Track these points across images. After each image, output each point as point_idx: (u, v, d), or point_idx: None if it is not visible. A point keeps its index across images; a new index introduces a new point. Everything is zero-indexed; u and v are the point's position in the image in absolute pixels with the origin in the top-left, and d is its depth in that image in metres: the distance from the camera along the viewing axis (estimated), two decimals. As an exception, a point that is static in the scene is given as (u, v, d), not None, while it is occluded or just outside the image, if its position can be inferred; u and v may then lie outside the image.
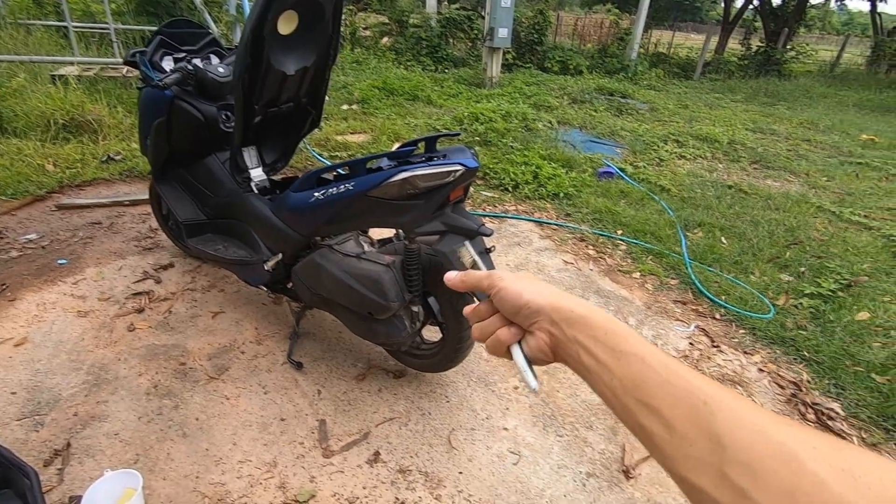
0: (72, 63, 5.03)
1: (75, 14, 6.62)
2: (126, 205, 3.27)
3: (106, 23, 5.76)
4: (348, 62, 8.29)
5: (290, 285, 2.08)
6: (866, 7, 15.47)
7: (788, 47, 13.13)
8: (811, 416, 2.02)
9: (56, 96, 4.10)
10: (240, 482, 1.58)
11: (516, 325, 0.50)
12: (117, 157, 3.82)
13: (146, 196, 3.13)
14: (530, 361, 0.49)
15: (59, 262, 2.61)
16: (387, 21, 10.98)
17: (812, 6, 16.68)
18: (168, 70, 2.10)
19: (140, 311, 2.30)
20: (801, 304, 2.73)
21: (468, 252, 0.59)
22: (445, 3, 13.34)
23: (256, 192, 2.08)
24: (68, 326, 2.17)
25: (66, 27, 5.50)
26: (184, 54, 2.24)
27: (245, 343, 2.16)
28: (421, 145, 1.64)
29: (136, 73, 4.89)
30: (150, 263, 2.66)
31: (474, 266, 0.57)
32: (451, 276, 0.57)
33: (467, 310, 0.56)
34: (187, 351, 2.09)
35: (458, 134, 1.99)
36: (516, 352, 0.50)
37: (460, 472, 1.67)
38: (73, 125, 4.00)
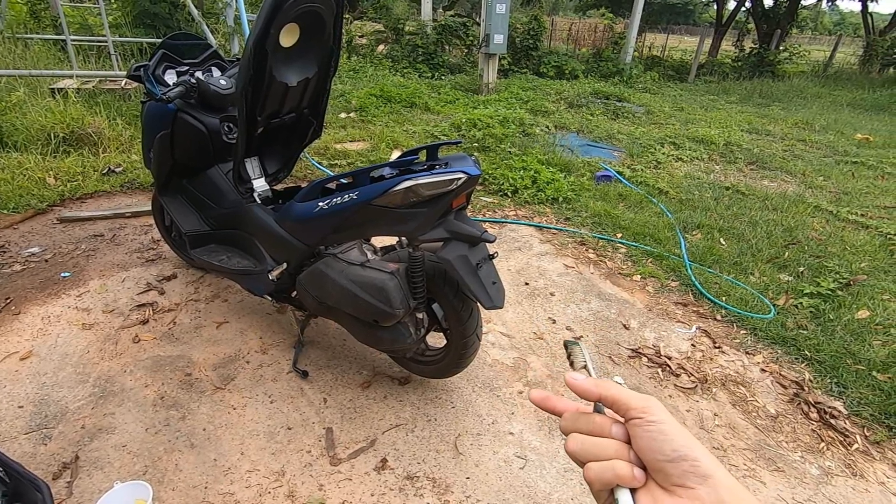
0: (70, 76, 5.06)
1: (73, 27, 6.66)
2: (128, 217, 3.29)
3: (104, 36, 5.80)
4: (345, 70, 8.34)
5: (294, 294, 2.09)
6: (857, 7, 15.63)
7: (781, 48, 13.23)
8: (814, 416, 2.04)
9: (56, 110, 4.12)
10: (248, 491, 1.58)
11: (641, 469, 0.39)
12: (118, 170, 3.84)
13: (148, 207, 3.15)
14: None
15: (63, 275, 2.62)
16: (382, 29, 11.06)
17: (804, 7, 16.83)
18: (171, 83, 2.12)
19: (144, 322, 2.31)
20: (801, 303, 2.75)
21: (581, 353, 0.50)
22: (441, 10, 13.43)
23: (259, 202, 2.10)
24: (73, 339, 2.18)
25: (64, 40, 5.53)
26: (186, 67, 2.27)
27: (250, 353, 2.17)
28: (422, 154, 1.67)
29: (136, 85, 4.95)
30: (153, 275, 2.67)
31: (587, 371, 0.48)
32: (581, 382, 0.45)
33: (568, 415, 0.45)
34: (192, 362, 2.10)
35: (460, 142, 2.02)
36: (626, 495, 0.39)
37: (468, 478, 1.68)
38: (73, 138, 4.01)
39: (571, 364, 0.50)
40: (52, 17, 6.69)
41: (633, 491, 0.39)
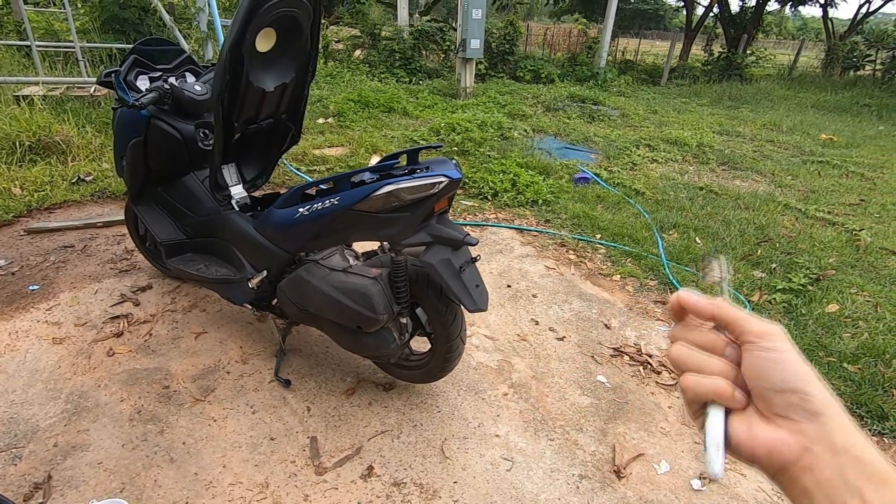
0: (36, 83, 4.90)
1: (38, 33, 6.44)
2: (99, 226, 3.19)
3: (71, 41, 5.64)
4: (322, 76, 8.29)
5: (275, 302, 2.06)
6: (818, 13, 16.24)
7: (748, 52, 13.66)
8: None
9: (21, 117, 3.98)
10: (231, 505, 1.55)
11: (743, 391, 0.37)
12: (88, 178, 3.72)
13: (120, 217, 3.06)
14: (728, 441, 0.37)
15: (31, 288, 2.53)
16: (359, 34, 11.03)
17: (769, 13, 17.42)
18: (143, 90, 2.08)
19: (119, 335, 2.25)
20: (774, 299, 2.83)
21: (720, 267, 0.45)
22: (417, 15, 13.47)
23: (237, 209, 2.06)
24: (43, 354, 2.10)
25: (29, 46, 5.36)
26: (159, 73, 2.22)
27: (230, 363, 2.13)
28: (403, 158, 1.67)
29: (105, 92, 4.82)
30: (127, 286, 2.60)
31: (719, 287, 0.44)
32: (694, 300, 0.41)
33: (682, 324, 0.42)
34: (170, 374, 2.05)
35: (440, 146, 2.03)
36: (718, 420, 0.37)
37: (455, 482, 1.67)
38: (39, 147, 3.88)
39: (703, 277, 0.46)
40: (15, 23, 6.47)
41: (727, 412, 0.37)
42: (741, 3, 15.78)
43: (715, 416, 0.37)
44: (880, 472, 0.32)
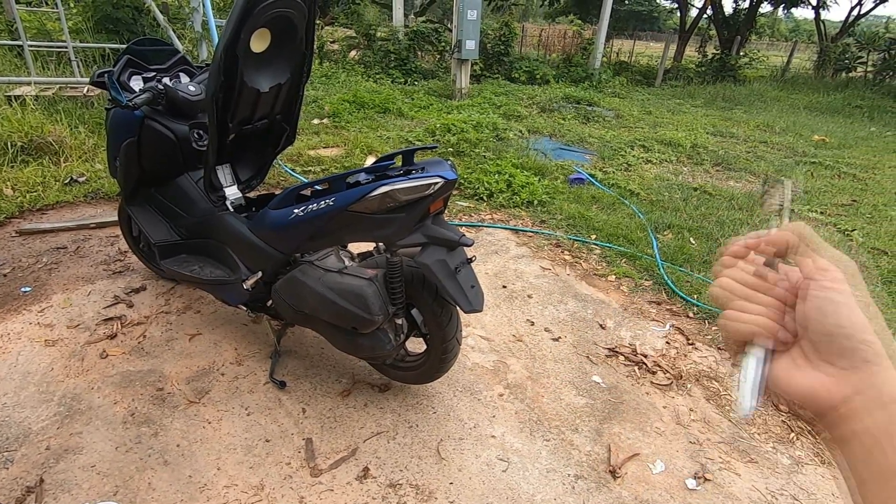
0: (28, 83, 4.86)
1: (30, 32, 6.39)
2: (92, 228, 3.17)
3: (63, 41, 5.60)
4: (317, 76, 8.27)
5: (270, 303, 2.05)
6: (811, 15, 16.38)
7: (742, 54, 13.75)
8: (784, 407, 2.11)
9: (13, 118, 3.95)
10: (226, 508, 1.54)
11: (790, 332, 0.35)
12: (81, 179, 3.70)
13: (114, 218, 3.05)
14: (764, 384, 0.36)
15: (23, 289, 2.50)
16: (354, 35, 11.01)
17: (761, 14, 17.55)
18: (137, 90, 2.06)
19: (112, 337, 2.23)
20: (767, 299, 2.84)
21: (783, 193, 0.42)
22: (412, 16, 13.48)
23: (232, 210, 2.06)
24: (36, 357, 2.08)
25: (21, 46, 5.31)
26: (152, 73, 2.21)
27: (225, 364, 2.12)
28: (398, 159, 1.66)
29: (98, 92, 4.79)
30: (120, 287, 2.58)
31: (778, 215, 0.41)
32: (753, 239, 0.39)
33: (729, 259, 0.40)
34: (164, 376, 2.04)
35: (435, 147, 2.02)
36: (757, 360, 0.36)
37: (451, 483, 1.67)
38: (32, 147, 3.85)
39: (762, 204, 0.43)
40: (7, 22, 6.42)
41: (769, 353, 0.35)
42: (734, 5, 15.90)
43: (754, 356, 0.36)
44: None
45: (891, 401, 0.31)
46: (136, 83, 2.15)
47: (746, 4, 15.07)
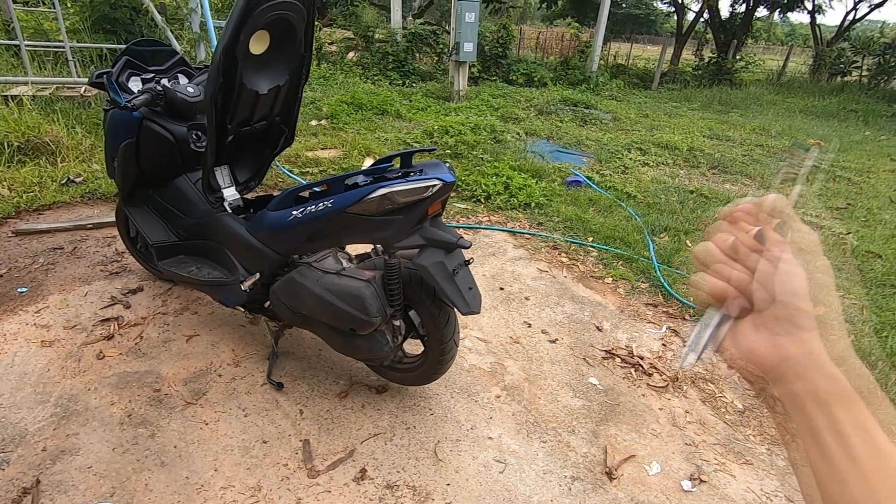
0: (25, 83, 4.85)
1: (27, 32, 6.37)
2: (89, 228, 3.16)
3: (60, 41, 5.58)
4: (315, 78, 8.27)
5: (267, 305, 2.05)
6: (807, 19, 16.48)
7: (738, 57, 13.83)
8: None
9: (9, 118, 3.93)
10: (223, 509, 1.54)
11: (745, 296, 0.37)
12: (77, 180, 3.69)
13: (111, 218, 3.05)
14: (717, 341, 0.38)
15: (20, 290, 2.50)
16: (352, 36, 11.02)
17: (758, 18, 17.65)
18: (135, 91, 2.07)
19: (109, 337, 2.23)
20: (763, 301, 2.86)
21: (800, 164, 0.43)
22: (410, 18, 13.50)
23: (230, 211, 2.06)
24: (32, 357, 2.08)
25: (17, 46, 5.30)
26: (151, 74, 2.21)
27: (222, 365, 2.12)
28: (396, 161, 1.67)
29: (96, 92, 4.78)
30: (117, 288, 2.58)
31: (793, 180, 0.41)
32: (740, 207, 0.41)
33: (715, 228, 0.42)
34: (161, 377, 2.03)
35: (434, 149, 2.03)
36: (709, 320, 0.38)
37: (448, 484, 1.68)
38: (28, 147, 3.84)
39: (782, 168, 0.44)
40: (3, 22, 6.39)
41: (729, 318, 0.38)
42: (731, 9, 16.00)
43: (708, 317, 0.39)
44: (851, 392, 0.33)
45: (818, 367, 0.34)
46: (135, 84, 2.15)
47: (743, 8, 15.16)
